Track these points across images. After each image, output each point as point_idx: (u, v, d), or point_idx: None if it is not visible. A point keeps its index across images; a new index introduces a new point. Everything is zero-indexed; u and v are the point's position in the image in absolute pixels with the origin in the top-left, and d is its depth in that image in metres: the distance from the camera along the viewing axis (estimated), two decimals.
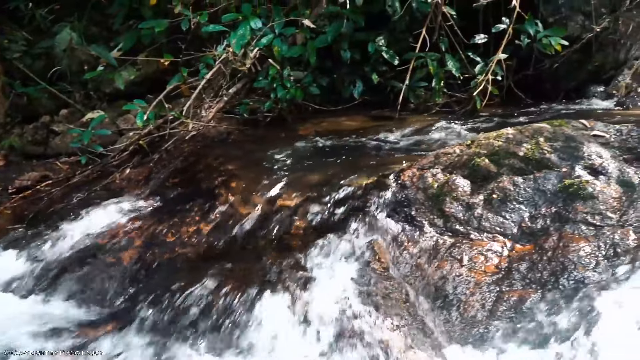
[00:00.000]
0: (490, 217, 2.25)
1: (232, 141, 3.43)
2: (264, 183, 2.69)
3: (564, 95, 4.21)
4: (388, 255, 2.25)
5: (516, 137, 2.45)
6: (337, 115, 3.80)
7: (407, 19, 3.81)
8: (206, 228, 2.57)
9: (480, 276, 2.10)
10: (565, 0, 3.94)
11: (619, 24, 3.97)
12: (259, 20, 3.51)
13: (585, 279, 1.94)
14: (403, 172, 2.48)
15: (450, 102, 3.97)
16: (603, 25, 3.90)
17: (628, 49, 4.14)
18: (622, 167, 2.24)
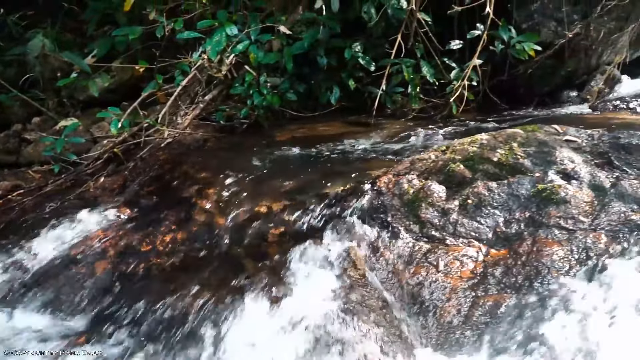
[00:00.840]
0: (466, 222, 2.26)
1: (208, 148, 3.41)
2: (240, 191, 2.67)
3: (539, 100, 4.28)
4: (364, 261, 2.24)
5: (490, 143, 2.47)
6: (315, 122, 3.81)
7: (383, 25, 3.84)
8: (182, 237, 2.54)
9: (456, 282, 2.10)
10: (538, 7, 4.01)
11: (590, 30, 4.04)
12: (235, 27, 3.50)
13: (558, 283, 1.96)
14: (379, 178, 2.48)
15: (427, 107, 4.00)
16: (575, 32, 3.97)
17: (600, 54, 4.22)
18: (593, 172, 2.27)
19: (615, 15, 4.06)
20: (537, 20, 4.03)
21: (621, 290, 1.85)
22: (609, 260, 1.97)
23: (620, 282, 1.87)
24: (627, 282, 1.86)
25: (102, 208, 2.94)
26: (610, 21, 4.07)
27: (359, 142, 3.31)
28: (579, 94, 4.23)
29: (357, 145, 3.27)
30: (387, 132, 3.44)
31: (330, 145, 3.27)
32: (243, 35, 3.54)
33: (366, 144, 3.28)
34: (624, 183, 2.18)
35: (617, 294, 1.84)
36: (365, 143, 3.30)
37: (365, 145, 3.25)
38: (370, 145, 3.26)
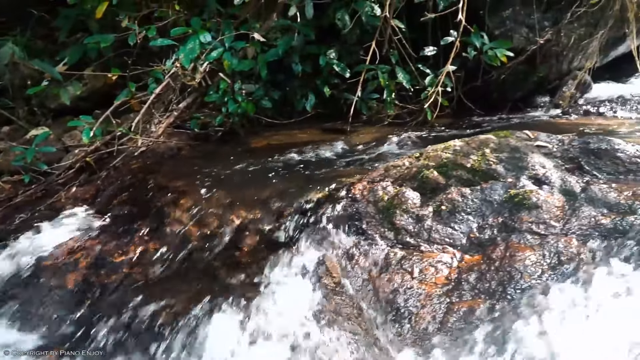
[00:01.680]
0: (440, 228, 2.27)
1: (182, 157, 3.37)
2: (214, 200, 2.65)
3: (512, 105, 4.33)
4: (340, 269, 2.23)
5: (463, 149, 2.49)
6: (290, 129, 3.80)
7: (357, 32, 3.85)
8: (155, 247, 2.51)
9: (430, 288, 2.11)
10: (510, 14, 4.06)
11: (561, 36, 4.11)
12: (209, 34, 3.48)
13: (531, 288, 1.97)
14: (354, 185, 2.48)
15: (402, 113, 4.02)
16: (546, 38, 4.03)
17: (570, 60, 4.29)
18: (564, 177, 2.30)
19: (585, 21, 4.13)
20: (509, 26, 4.08)
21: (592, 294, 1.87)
22: (579, 264, 2.00)
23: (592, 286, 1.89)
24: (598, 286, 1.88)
25: (74, 218, 2.88)
26: (580, 27, 4.15)
27: (334, 149, 3.31)
28: (551, 99, 4.30)
29: (332, 152, 3.27)
30: (363, 139, 3.45)
31: (305, 153, 3.26)
32: (217, 42, 3.52)
33: (342, 150, 3.29)
34: (594, 187, 2.21)
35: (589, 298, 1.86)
36: (340, 150, 3.30)
37: (340, 152, 3.26)
38: (345, 152, 3.26)
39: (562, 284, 1.95)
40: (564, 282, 1.96)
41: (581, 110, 3.94)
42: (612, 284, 1.87)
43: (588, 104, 4.11)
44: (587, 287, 1.90)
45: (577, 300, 1.87)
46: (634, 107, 3.90)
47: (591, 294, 1.87)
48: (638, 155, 2.37)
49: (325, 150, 3.28)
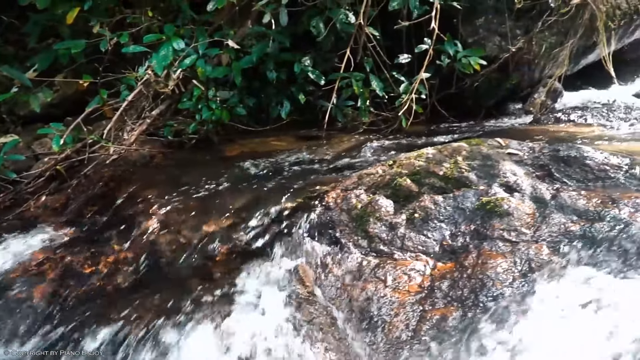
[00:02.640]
0: (413, 236, 2.27)
1: (155, 165, 3.33)
2: (187, 209, 2.62)
3: (485, 112, 4.38)
4: (313, 278, 2.22)
5: (436, 157, 2.51)
6: (265, 136, 3.78)
7: (332, 39, 3.86)
8: (126, 257, 2.46)
9: (404, 296, 2.11)
10: (483, 22, 4.11)
11: (532, 44, 4.17)
12: (182, 41, 3.44)
13: (503, 295, 1.98)
14: (327, 193, 2.48)
15: (377, 120, 4.03)
16: (518, 46, 4.09)
17: (542, 68, 4.35)
18: (534, 184, 2.33)
19: (555, 30, 4.20)
20: (482, 35, 4.13)
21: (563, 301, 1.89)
22: (550, 271, 2.02)
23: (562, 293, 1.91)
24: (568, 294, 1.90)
25: (43, 228, 2.83)
26: (552, 36, 4.21)
27: (309, 156, 3.30)
28: (523, 106, 4.36)
29: (307, 159, 3.26)
30: (338, 146, 3.45)
31: (280, 160, 3.25)
32: (190, 49, 3.49)
33: (316, 158, 3.28)
34: (564, 194, 2.24)
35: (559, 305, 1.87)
36: (315, 157, 3.29)
37: (315, 160, 3.25)
38: (320, 159, 3.25)
39: (533, 291, 1.97)
40: (535, 289, 1.98)
41: (552, 118, 4.00)
42: (581, 291, 1.89)
43: (559, 111, 4.17)
44: (557, 294, 1.92)
45: (547, 308, 1.88)
46: (604, 114, 3.97)
47: (561, 301, 1.89)
48: (606, 163, 2.41)
49: (300, 158, 3.27)
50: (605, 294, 1.85)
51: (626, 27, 4.67)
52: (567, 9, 3.99)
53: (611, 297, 1.84)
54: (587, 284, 1.91)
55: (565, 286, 1.93)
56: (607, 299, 1.84)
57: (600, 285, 1.90)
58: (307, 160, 3.25)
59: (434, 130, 3.90)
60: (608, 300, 1.83)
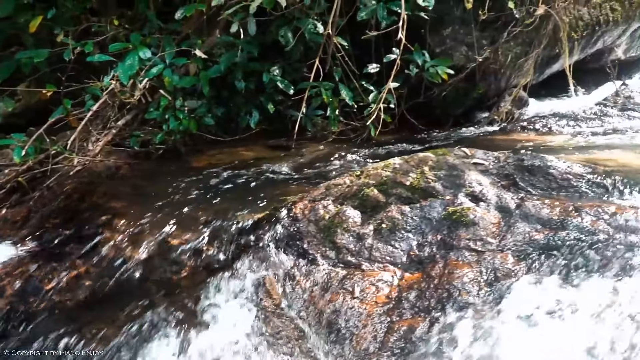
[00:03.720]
0: (381, 246, 2.27)
1: (120, 176, 3.27)
2: (152, 221, 2.57)
3: (453, 121, 4.43)
4: (280, 290, 2.20)
5: (402, 167, 2.51)
6: (234, 146, 3.75)
7: (301, 48, 3.86)
8: (88, 272, 2.40)
9: (371, 307, 2.10)
10: (450, 32, 4.16)
11: (498, 54, 4.24)
12: (148, 50, 3.40)
13: (469, 305, 1.99)
14: (295, 204, 2.46)
15: (346, 129, 4.04)
16: (484, 56, 4.15)
17: (508, 77, 4.43)
18: (499, 193, 2.35)
19: (520, 40, 4.28)
20: (449, 45, 4.18)
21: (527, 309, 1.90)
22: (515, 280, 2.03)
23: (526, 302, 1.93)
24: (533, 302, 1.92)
25: (2, 242, 2.74)
26: (517, 46, 4.29)
27: (278, 167, 3.29)
28: (490, 114, 4.42)
29: (276, 169, 3.25)
30: (307, 156, 3.44)
31: (248, 170, 3.22)
32: (157, 58, 3.44)
33: (285, 168, 3.27)
34: (528, 204, 2.27)
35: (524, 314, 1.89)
36: (284, 167, 3.28)
37: (284, 170, 3.23)
38: (289, 169, 3.24)
39: (499, 300, 1.98)
40: (500, 299, 1.99)
41: (518, 126, 4.07)
42: (546, 299, 1.91)
43: (524, 120, 4.25)
44: (522, 303, 1.93)
45: (513, 317, 1.89)
46: (567, 122, 4.06)
47: (527, 309, 1.90)
48: (569, 172, 2.45)
49: (269, 168, 3.25)
50: (569, 302, 1.88)
51: (589, 37, 4.79)
52: (532, 20, 4.07)
53: (575, 305, 1.86)
54: (552, 293, 1.93)
55: (530, 295, 1.95)
56: (571, 307, 1.86)
57: (564, 293, 1.92)
58: (275, 170, 3.23)
59: (403, 139, 3.93)
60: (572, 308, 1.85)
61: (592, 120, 4.09)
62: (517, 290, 1.99)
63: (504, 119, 4.24)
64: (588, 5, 4.65)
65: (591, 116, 4.14)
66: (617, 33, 5.11)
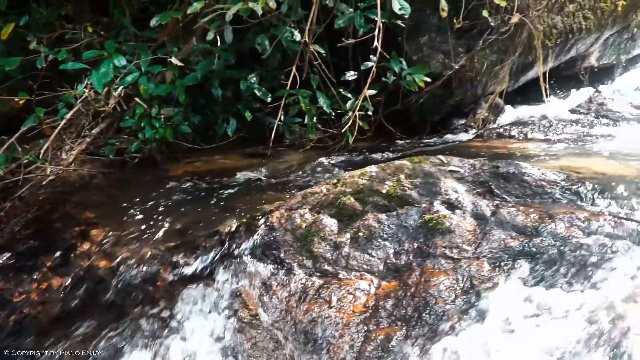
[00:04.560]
0: (358, 255, 2.27)
1: (94, 186, 3.22)
2: (127, 232, 2.53)
3: (431, 128, 4.46)
4: (257, 301, 2.18)
5: (379, 175, 2.52)
6: (212, 154, 3.72)
7: (278, 56, 3.85)
8: (60, 284, 2.36)
9: (348, 316, 2.09)
10: (426, 40, 4.19)
11: (474, 62, 4.28)
12: (123, 58, 3.36)
13: (445, 312, 1.99)
14: (272, 213, 2.45)
15: (324, 137, 4.04)
16: (461, 64, 4.18)
17: (484, 84, 4.47)
18: (475, 201, 2.36)
19: (496, 48, 4.33)
20: (426, 52, 4.20)
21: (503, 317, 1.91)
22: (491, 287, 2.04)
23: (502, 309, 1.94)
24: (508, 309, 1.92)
25: None
26: (492, 54, 4.34)
27: (255, 175, 3.27)
28: (467, 121, 4.46)
29: (253, 177, 3.23)
30: (284, 164, 3.43)
31: (225, 179, 3.20)
32: (132, 66, 3.40)
33: (262, 176, 3.25)
34: (503, 211, 2.28)
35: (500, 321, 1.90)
36: (261, 175, 3.26)
37: (261, 178, 3.22)
38: (266, 177, 3.23)
39: (475, 307, 1.99)
40: (476, 306, 2.00)
41: (495, 133, 4.11)
42: (522, 305, 1.92)
43: (501, 127, 4.29)
44: (499, 309, 1.94)
45: (490, 323, 1.90)
46: (542, 129, 4.11)
47: (503, 316, 1.91)
48: (543, 179, 2.47)
49: (246, 176, 3.23)
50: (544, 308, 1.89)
51: (562, 45, 4.87)
52: (507, 28, 4.12)
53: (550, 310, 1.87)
54: (527, 299, 1.95)
55: (506, 301, 1.96)
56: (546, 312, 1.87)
57: (539, 299, 1.93)
58: (253, 178, 3.21)
59: (380, 146, 3.94)
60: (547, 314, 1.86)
61: (566, 126, 4.15)
62: (493, 297, 1.99)
63: (480, 125, 4.28)
64: (561, 13, 4.72)
65: (565, 123, 4.20)
66: (590, 41, 5.21)
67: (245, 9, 3.10)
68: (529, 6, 4.25)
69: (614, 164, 2.94)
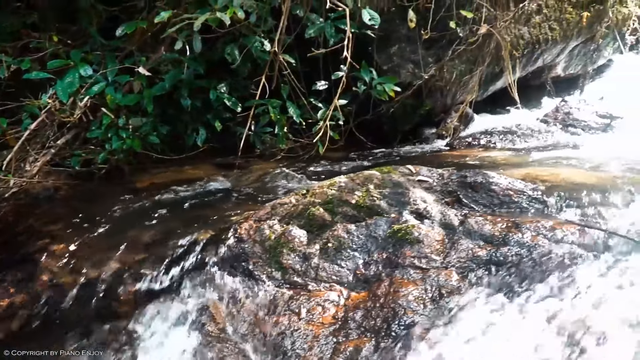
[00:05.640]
0: (327, 266, 2.25)
1: (59, 198, 3.15)
2: (92, 244, 2.48)
3: (402, 137, 4.48)
4: (225, 314, 2.15)
5: (348, 185, 2.51)
6: (181, 164, 3.68)
7: (249, 65, 3.83)
8: (21, 300, 2.29)
9: (318, 328, 2.07)
10: (396, 50, 4.22)
11: (444, 72, 4.33)
12: (89, 68, 3.31)
13: (414, 323, 1.99)
14: (240, 224, 2.42)
15: (295, 147, 4.02)
16: (430, 73, 4.22)
17: (454, 94, 4.52)
18: (443, 210, 2.37)
19: (465, 58, 4.38)
20: (396, 62, 4.23)
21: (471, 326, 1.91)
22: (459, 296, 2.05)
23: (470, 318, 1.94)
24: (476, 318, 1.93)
25: None
26: (461, 64, 4.39)
27: (224, 185, 3.24)
28: (437, 131, 4.50)
29: (222, 188, 3.20)
30: (254, 174, 3.40)
31: (194, 190, 3.16)
32: (99, 76, 3.35)
33: (232, 186, 3.22)
34: (471, 220, 2.30)
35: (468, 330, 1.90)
36: (231, 186, 3.23)
37: (230, 188, 3.19)
38: (236, 188, 3.20)
39: (443, 317, 1.99)
40: (445, 316, 2.00)
41: (464, 142, 4.15)
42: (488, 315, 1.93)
43: (470, 136, 4.34)
44: (466, 319, 1.94)
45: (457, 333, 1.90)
46: (510, 138, 4.17)
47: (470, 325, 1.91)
48: (510, 188, 2.50)
49: (215, 187, 3.20)
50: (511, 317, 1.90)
51: (529, 55, 4.95)
52: (475, 39, 4.17)
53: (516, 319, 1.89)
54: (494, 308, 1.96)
55: (474, 311, 1.96)
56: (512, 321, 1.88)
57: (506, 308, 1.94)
58: (222, 189, 3.18)
59: (351, 156, 3.94)
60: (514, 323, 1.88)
61: (533, 135, 4.22)
62: (461, 307, 2.00)
63: (451, 135, 4.32)
64: (528, 24, 4.81)
65: (533, 132, 4.27)
66: (556, 51, 5.31)
67: (214, 19, 3.08)
68: (496, 17, 4.32)
69: (579, 172, 2.99)
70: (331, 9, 3.44)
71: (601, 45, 5.97)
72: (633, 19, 6.17)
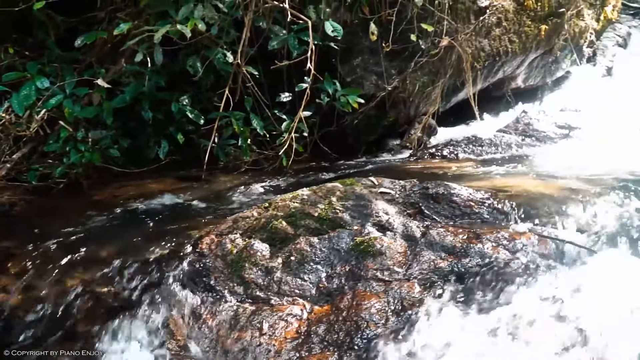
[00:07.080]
0: (290, 280, 2.24)
1: (15, 214, 3.05)
2: (47, 262, 2.39)
3: (366, 148, 4.51)
4: (186, 331, 2.11)
5: (311, 198, 2.51)
6: (143, 178, 3.61)
7: (212, 77, 3.80)
8: None
9: (280, 343, 2.05)
10: (360, 62, 4.26)
11: (407, 83, 4.38)
12: (47, 80, 3.23)
13: (377, 336, 1.99)
14: (201, 239, 2.39)
15: (260, 159, 4.00)
16: (393, 85, 4.27)
17: (417, 105, 4.58)
18: (406, 222, 2.39)
19: (427, 70, 4.45)
20: (359, 74, 4.27)
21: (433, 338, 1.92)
22: (422, 308, 2.06)
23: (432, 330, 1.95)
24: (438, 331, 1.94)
25: None
26: (424, 76, 4.45)
27: (186, 199, 3.19)
28: (401, 142, 4.54)
29: (184, 202, 3.15)
30: (217, 187, 3.37)
31: (155, 204, 3.10)
32: (56, 88, 3.28)
33: (194, 200, 3.17)
34: (433, 232, 2.31)
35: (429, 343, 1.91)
36: (193, 199, 3.19)
37: (193, 202, 3.14)
38: (198, 201, 3.15)
39: (405, 330, 1.99)
40: (407, 328, 2.00)
41: (428, 153, 4.20)
42: (450, 325, 1.95)
43: (434, 147, 4.39)
44: (428, 331, 1.95)
45: (419, 345, 1.91)
46: (472, 149, 4.24)
47: (432, 337, 1.92)
48: (471, 199, 2.53)
49: (177, 201, 3.15)
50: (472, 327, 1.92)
51: (490, 67, 5.06)
52: (437, 51, 4.25)
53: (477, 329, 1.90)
54: (456, 319, 1.97)
55: (436, 322, 1.97)
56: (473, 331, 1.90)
57: (467, 319, 1.96)
58: (184, 202, 3.13)
59: (315, 168, 3.94)
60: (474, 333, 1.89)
61: (495, 146, 4.30)
62: (423, 319, 2.01)
63: (414, 146, 4.36)
64: (488, 37, 4.91)
65: (494, 143, 4.34)
66: (516, 63, 5.44)
67: (175, 31, 3.05)
68: (457, 30, 4.40)
69: (538, 182, 3.05)
70: (293, 21, 3.45)
71: (559, 57, 6.14)
72: (590, 32, 6.36)
